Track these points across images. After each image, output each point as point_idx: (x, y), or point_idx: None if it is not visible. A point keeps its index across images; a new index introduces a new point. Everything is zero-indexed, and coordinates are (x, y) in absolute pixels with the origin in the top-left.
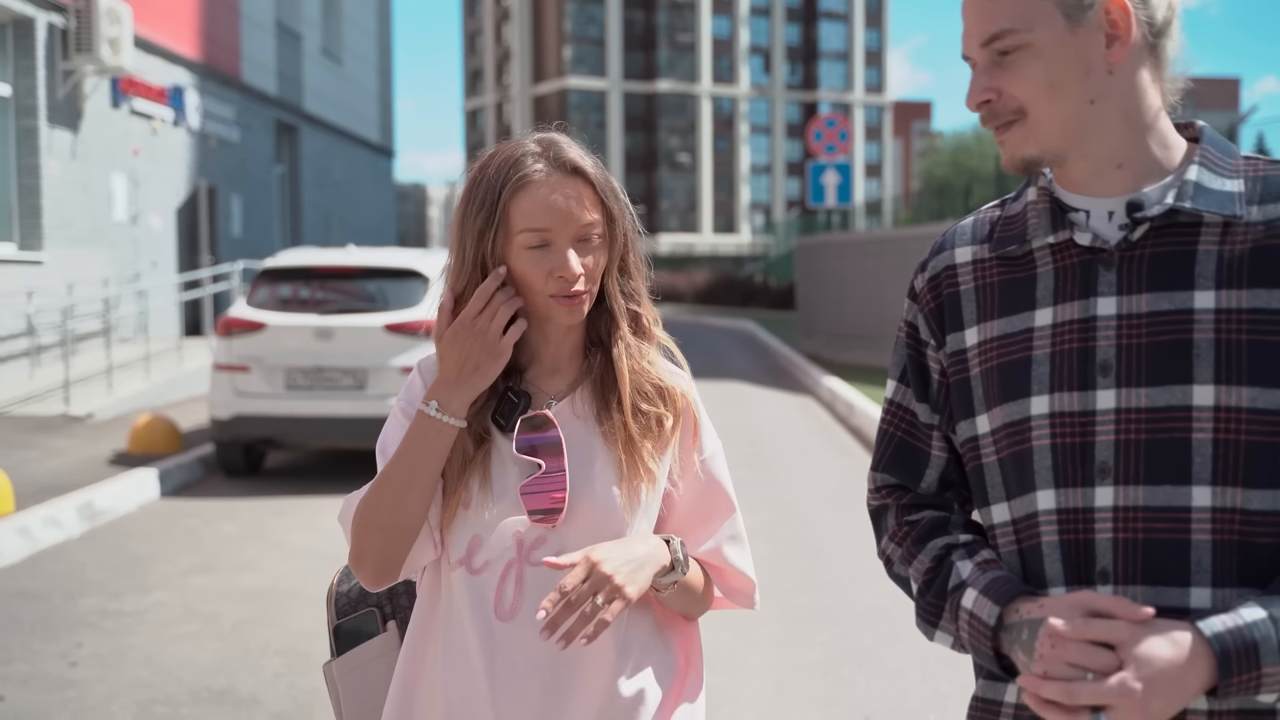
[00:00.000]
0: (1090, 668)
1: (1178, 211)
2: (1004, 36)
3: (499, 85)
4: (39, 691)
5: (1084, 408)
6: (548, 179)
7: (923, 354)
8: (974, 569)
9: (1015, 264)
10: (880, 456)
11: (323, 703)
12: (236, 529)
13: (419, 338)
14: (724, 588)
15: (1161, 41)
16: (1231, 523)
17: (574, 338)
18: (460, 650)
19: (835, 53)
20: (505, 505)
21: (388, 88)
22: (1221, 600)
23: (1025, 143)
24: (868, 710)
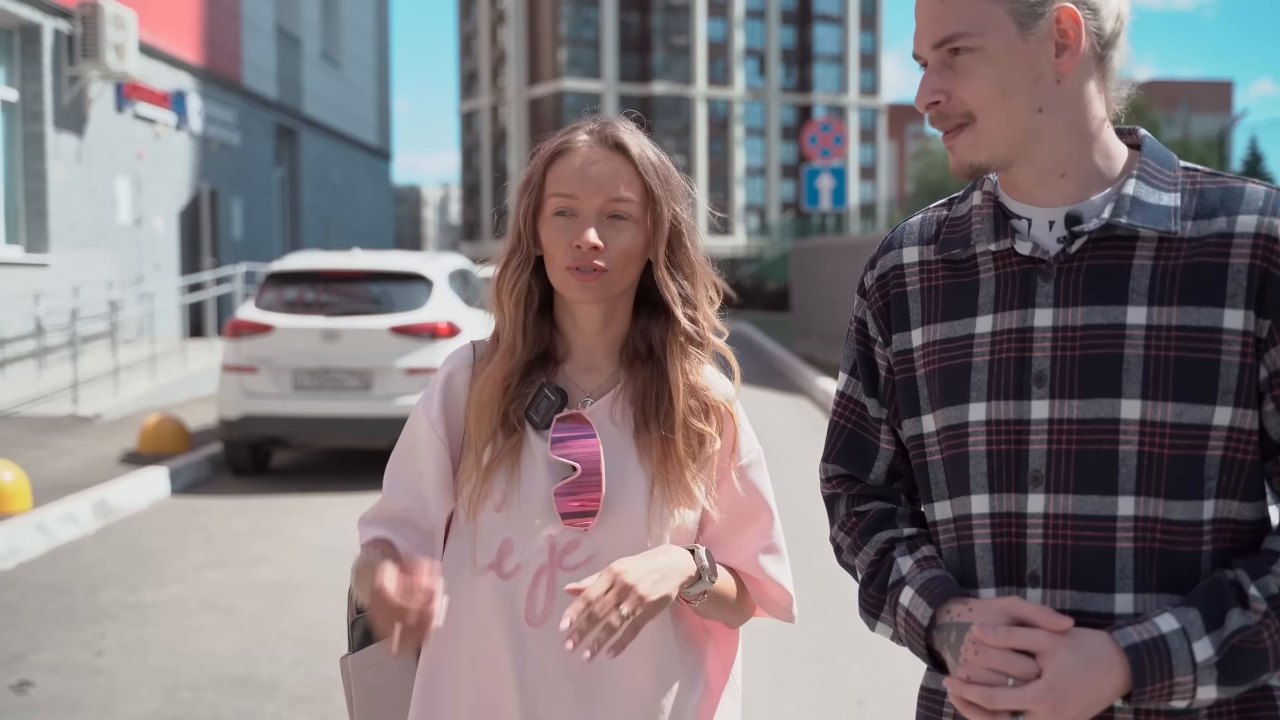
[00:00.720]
0: (1010, 674)
1: (1114, 225)
2: (956, 39)
3: (494, 87)
4: (68, 678)
5: (1019, 416)
6: (588, 150)
7: (871, 350)
8: (913, 566)
9: (959, 268)
10: (831, 448)
11: (340, 689)
12: (247, 525)
13: (423, 339)
14: (760, 598)
15: (1109, 52)
16: (1154, 532)
17: (611, 333)
18: (489, 657)
19: (830, 55)
20: (535, 507)
21: (385, 91)
22: (1143, 605)
23: (974, 148)
24: (860, 694)
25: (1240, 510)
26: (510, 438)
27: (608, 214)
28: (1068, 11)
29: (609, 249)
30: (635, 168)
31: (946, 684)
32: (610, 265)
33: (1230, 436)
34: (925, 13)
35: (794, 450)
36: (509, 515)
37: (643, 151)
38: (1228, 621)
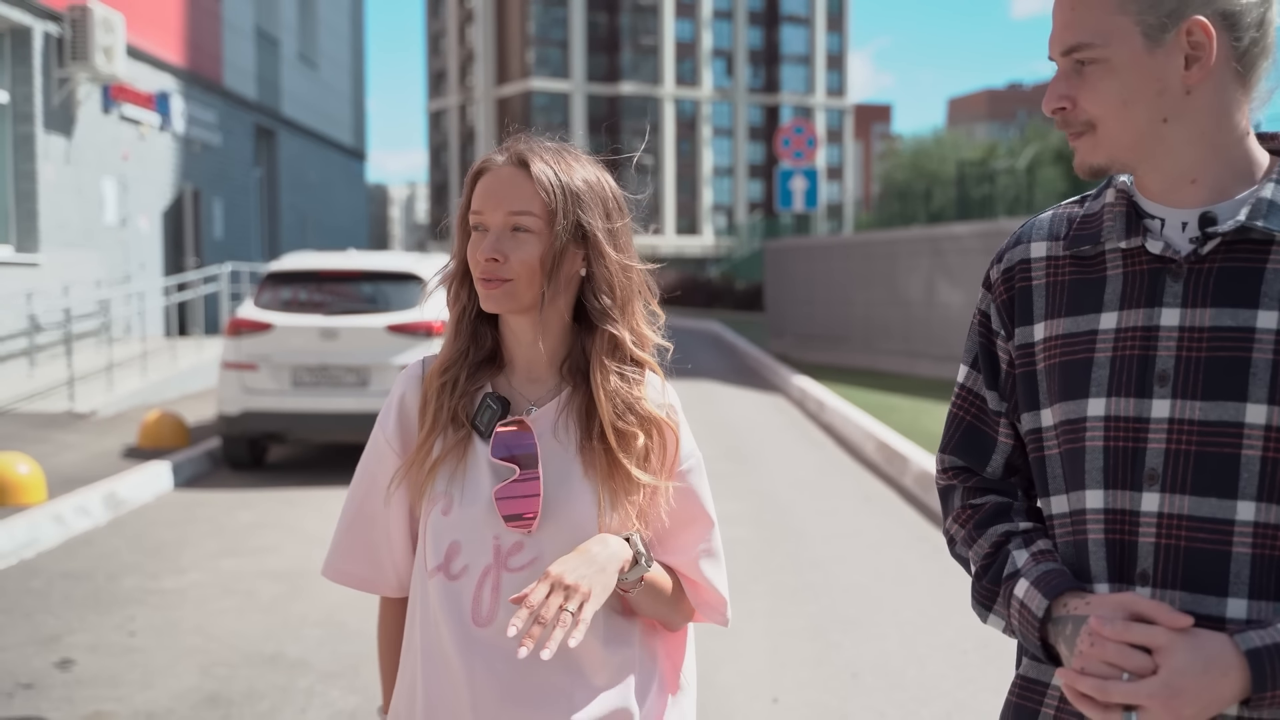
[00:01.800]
0: (1126, 668)
1: (1250, 229)
2: (1082, 49)
3: (463, 86)
4: (106, 657)
5: (1139, 414)
6: (499, 169)
7: (993, 343)
8: (1029, 559)
9: (1087, 264)
10: (949, 439)
11: (367, 665)
12: (253, 517)
13: (419, 337)
14: (696, 600)
15: (1251, 64)
16: (1273, 539)
17: (549, 344)
18: (439, 657)
19: (797, 56)
20: (479, 510)
21: (360, 91)
22: (1257, 612)
23: (1094, 151)
24: (855, 668)
25: None
26: (458, 433)
27: (510, 227)
28: (1200, 24)
29: (510, 260)
30: (534, 184)
31: (1060, 674)
32: (514, 275)
33: None
34: (1058, 18)
35: (772, 445)
36: (455, 518)
37: (545, 168)
38: None
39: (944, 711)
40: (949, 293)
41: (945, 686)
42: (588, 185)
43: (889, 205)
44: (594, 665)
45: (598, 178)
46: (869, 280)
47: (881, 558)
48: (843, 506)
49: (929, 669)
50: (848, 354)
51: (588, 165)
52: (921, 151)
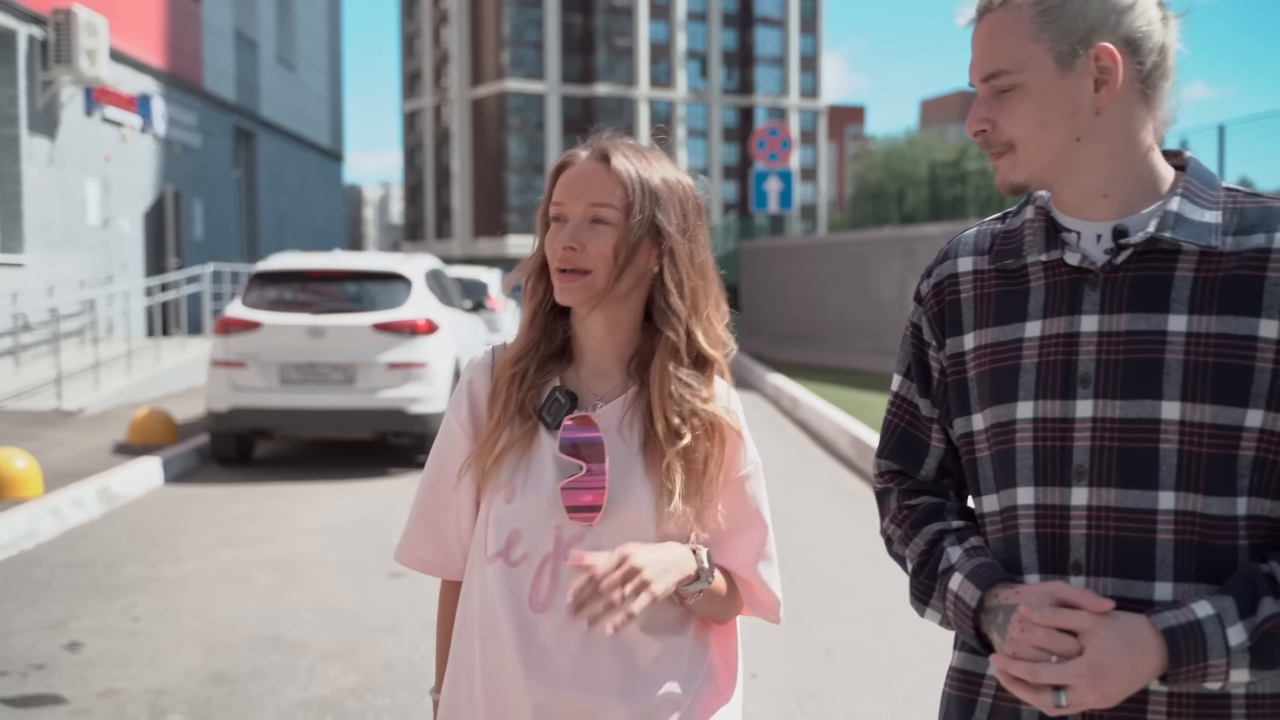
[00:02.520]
0: (1054, 651)
1: (1158, 240)
2: (1000, 76)
3: (437, 87)
4: (113, 640)
5: (1064, 415)
6: (582, 163)
7: (925, 353)
8: (962, 555)
9: (1011, 277)
10: (885, 444)
11: (364, 646)
12: (244, 510)
13: (404, 335)
14: (750, 600)
15: (1153, 85)
16: (1192, 525)
17: (618, 340)
18: (495, 640)
19: (771, 58)
20: (542, 499)
21: (338, 93)
22: (1182, 594)
23: (1014, 170)
24: (828, 646)
25: (1273, 508)
26: (525, 425)
27: (589, 218)
28: (1106, 50)
29: (587, 250)
30: (614, 176)
31: (993, 660)
32: (591, 266)
33: (1262, 438)
34: (977, 48)
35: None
36: (517, 507)
37: (626, 163)
38: (1260, 609)
39: (912, 685)
40: None
41: (913, 663)
42: (666, 185)
43: (862, 206)
44: (646, 654)
45: (678, 179)
46: (842, 280)
47: (852, 545)
48: (816, 498)
49: (898, 648)
50: (821, 353)
51: (669, 167)
52: (894, 152)
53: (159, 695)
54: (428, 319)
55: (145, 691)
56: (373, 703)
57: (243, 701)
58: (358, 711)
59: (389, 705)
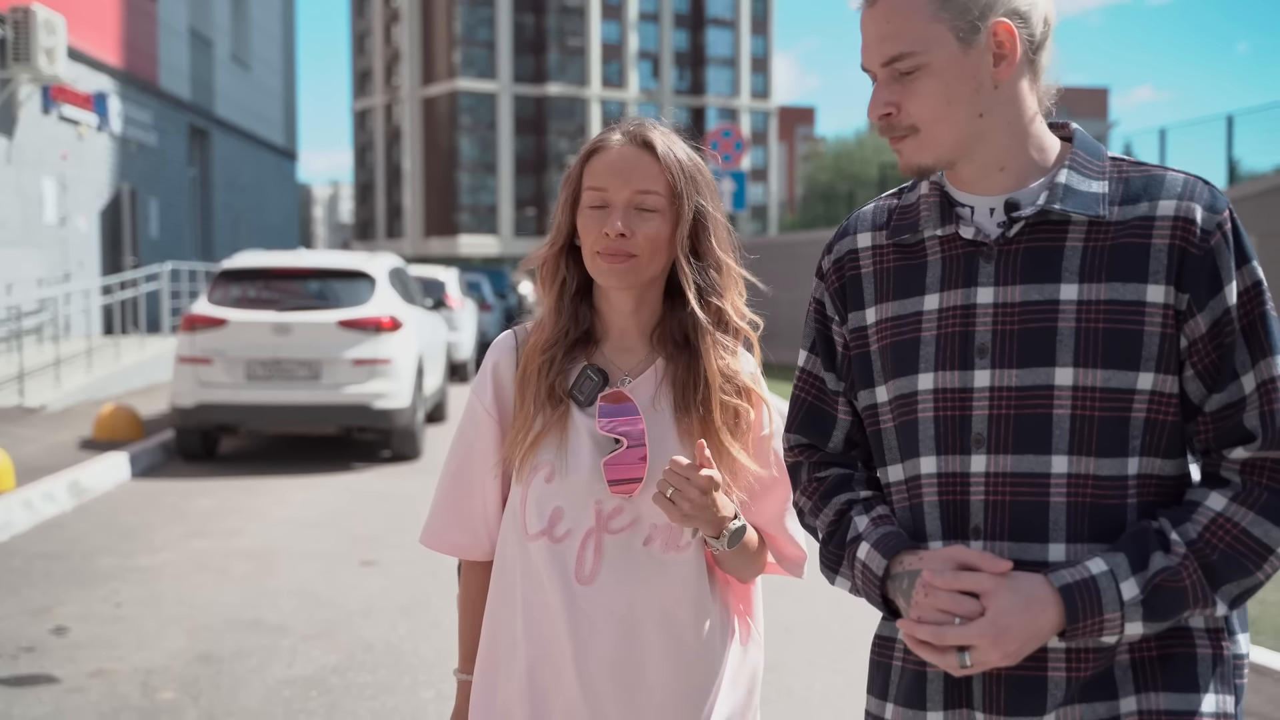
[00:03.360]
0: (957, 613)
1: (1049, 211)
2: (904, 58)
3: (388, 86)
4: (97, 625)
5: (963, 385)
6: (619, 148)
7: (829, 328)
8: (869, 524)
9: (909, 251)
10: (793, 419)
11: (342, 626)
12: (213, 503)
13: (369, 332)
14: (778, 554)
15: (1039, 56)
16: (1084, 487)
17: (644, 316)
18: (542, 613)
19: (722, 59)
20: (582, 477)
21: (291, 92)
22: (1075, 554)
23: (920, 152)
24: (787, 624)
25: (1163, 467)
26: (557, 409)
27: (635, 205)
28: (1002, 25)
29: (636, 236)
30: (660, 163)
31: (900, 625)
32: (639, 251)
33: (1152, 400)
34: (872, 32)
35: None
36: (558, 485)
37: (669, 148)
38: (1151, 563)
39: (866, 659)
40: None
41: (866, 639)
42: (696, 167)
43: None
44: (689, 623)
45: (697, 161)
46: (795, 280)
47: None
48: None
49: (853, 625)
50: (775, 350)
51: (687, 148)
52: (844, 153)
53: (148, 675)
54: (392, 316)
55: (135, 671)
56: (354, 680)
57: (230, 680)
58: (341, 688)
59: (370, 682)
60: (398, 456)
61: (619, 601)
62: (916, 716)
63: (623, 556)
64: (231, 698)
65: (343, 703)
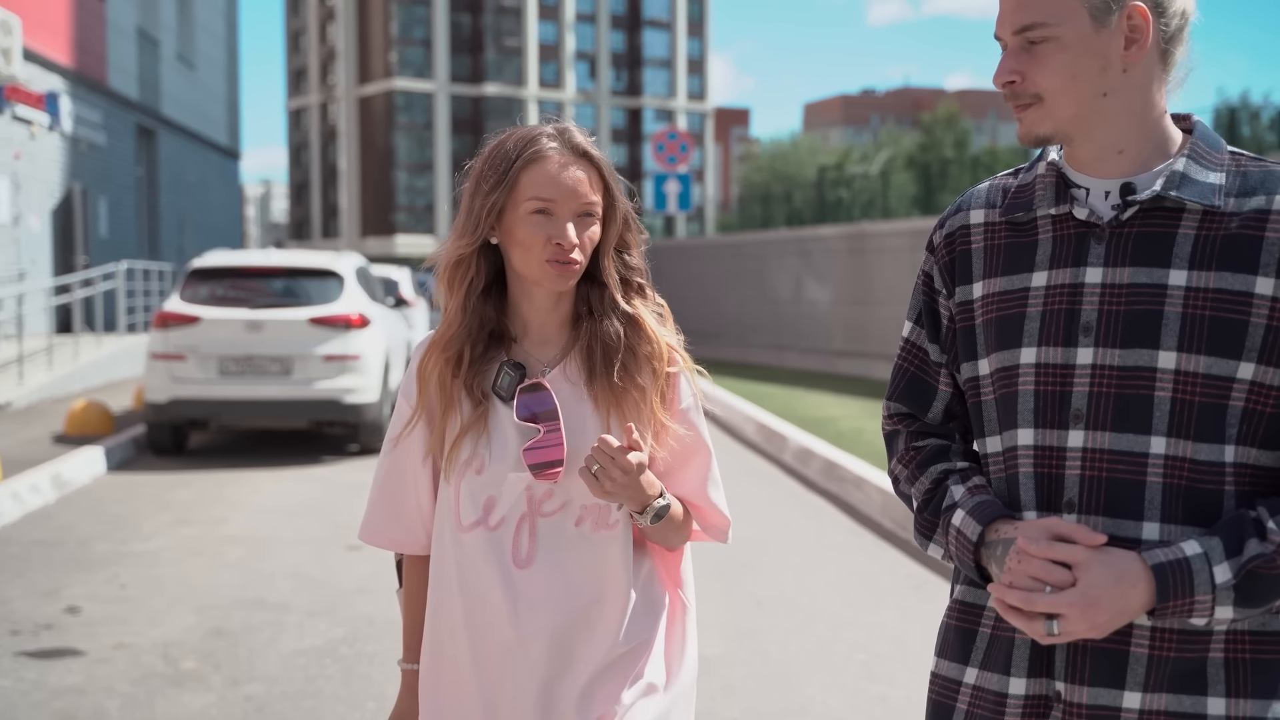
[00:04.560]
0: (1048, 581)
1: (1164, 198)
2: (1035, 28)
3: (324, 85)
4: (107, 605)
5: (1065, 361)
6: (559, 157)
7: (935, 301)
8: (965, 492)
9: (1020, 229)
10: (895, 388)
11: (342, 606)
12: (193, 495)
13: (339, 329)
14: (702, 523)
15: (1171, 47)
16: (1181, 470)
17: (563, 309)
18: (482, 601)
19: (659, 60)
20: (509, 466)
21: (234, 91)
22: (1168, 534)
23: (1041, 122)
24: (758, 598)
25: (1259, 457)
26: (477, 408)
27: (580, 214)
28: (1139, 9)
29: (580, 244)
30: (599, 172)
31: (991, 589)
32: (581, 258)
33: (1252, 390)
34: (1008, 1)
35: None
36: (488, 476)
37: (602, 157)
38: (1246, 549)
39: (833, 627)
40: (816, 290)
41: (833, 609)
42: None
43: (750, 208)
44: (618, 594)
45: None
46: (740, 279)
47: (769, 516)
48: (728, 480)
49: (819, 598)
50: (720, 348)
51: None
52: (779, 155)
53: (168, 647)
54: (361, 314)
55: (154, 644)
56: (364, 650)
57: (246, 651)
58: (352, 657)
59: (379, 651)
60: (365, 450)
61: (555, 580)
62: (1000, 681)
63: (556, 538)
64: (251, 666)
65: (356, 668)
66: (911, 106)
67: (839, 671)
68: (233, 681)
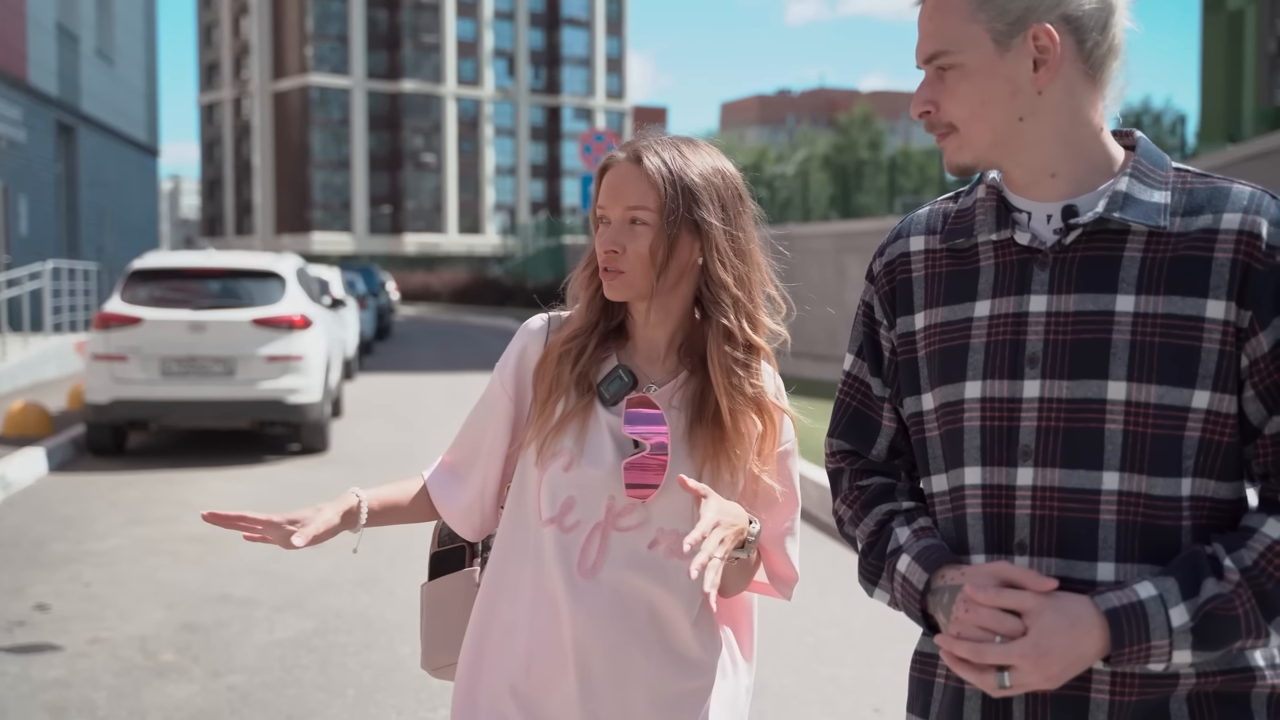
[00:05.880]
0: (998, 631)
1: (1108, 220)
2: (940, 56)
3: (237, 80)
4: (75, 602)
5: (1012, 395)
6: (619, 166)
7: (876, 332)
8: (910, 535)
9: (962, 256)
10: (836, 424)
11: (308, 599)
12: (140, 495)
13: (282, 329)
14: (771, 573)
15: (1101, 63)
16: (1136, 506)
17: (666, 329)
18: (548, 602)
19: (577, 59)
20: (600, 472)
21: (153, 87)
22: (1124, 574)
23: (960, 151)
24: None
25: (1217, 489)
26: (583, 398)
27: (628, 220)
28: (1044, 30)
29: (625, 253)
30: (648, 179)
31: (938, 641)
32: (627, 268)
33: (1208, 419)
34: (921, 29)
35: None
36: (575, 475)
37: (661, 163)
38: (1203, 590)
39: (782, 614)
40: None
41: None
42: (703, 178)
43: None
44: (682, 625)
45: (715, 169)
46: None
47: None
48: None
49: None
50: None
51: (707, 158)
52: None
53: (143, 641)
54: (303, 314)
55: (129, 639)
56: (336, 641)
57: (220, 644)
58: (325, 648)
59: (350, 641)
60: (307, 449)
61: (616, 598)
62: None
63: (626, 555)
64: (229, 657)
65: (332, 658)
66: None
67: (790, 654)
68: (213, 673)
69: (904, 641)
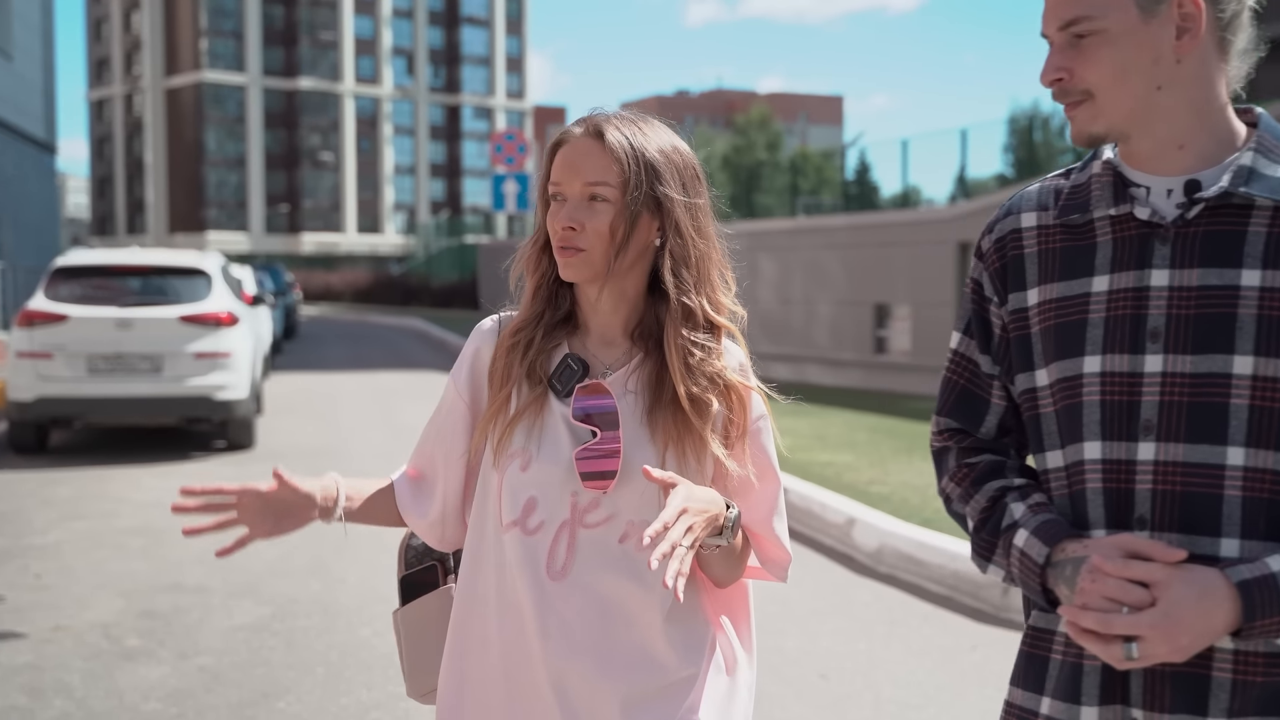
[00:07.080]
0: (1125, 602)
1: (1231, 194)
2: (1080, 22)
3: (128, 76)
4: (30, 593)
5: (1133, 369)
6: (577, 141)
7: (986, 310)
8: (1026, 511)
9: (1076, 232)
10: (944, 402)
11: (261, 585)
12: (72, 491)
13: (209, 326)
14: (762, 557)
15: (1229, 35)
16: (1262, 482)
17: (621, 313)
18: (514, 609)
19: (477, 58)
20: (559, 467)
21: (51, 82)
22: (1249, 550)
23: (1093, 120)
24: None
25: None
26: (535, 390)
27: (587, 196)
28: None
29: (585, 230)
30: (610, 153)
31: (1062, 612)
32: (587, 245)
33: None
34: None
35: None
36: (533, 475)
37: (623, 138)
38: None
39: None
40: None
41: None
42: (664, 155)
43: None
44: (660, 627)
45: (674, 147)
46: None
47: None
48: None
49: None
50: None
51: (664, 134)
52: None
53: (106, 628)
54: (230, 311)
55: (91, 626)
56: (296, 625)
57: (182, 629)
58: (287, 631)
59: (309, 625)
60: (234, 446)
61: (590, 599)
62: (1070, 711)
63: (597, 552)
64: (194, 641)
65: (295, 640)
66: (725, 108)
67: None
68: (181, 655)
69: (840, 616)
